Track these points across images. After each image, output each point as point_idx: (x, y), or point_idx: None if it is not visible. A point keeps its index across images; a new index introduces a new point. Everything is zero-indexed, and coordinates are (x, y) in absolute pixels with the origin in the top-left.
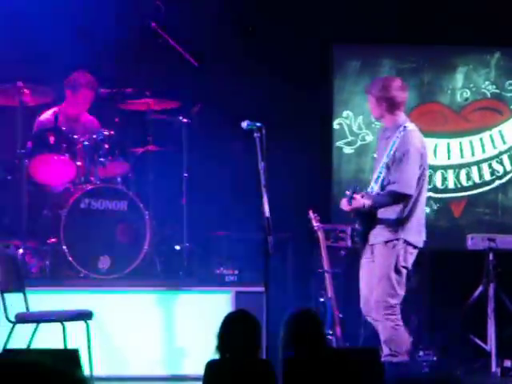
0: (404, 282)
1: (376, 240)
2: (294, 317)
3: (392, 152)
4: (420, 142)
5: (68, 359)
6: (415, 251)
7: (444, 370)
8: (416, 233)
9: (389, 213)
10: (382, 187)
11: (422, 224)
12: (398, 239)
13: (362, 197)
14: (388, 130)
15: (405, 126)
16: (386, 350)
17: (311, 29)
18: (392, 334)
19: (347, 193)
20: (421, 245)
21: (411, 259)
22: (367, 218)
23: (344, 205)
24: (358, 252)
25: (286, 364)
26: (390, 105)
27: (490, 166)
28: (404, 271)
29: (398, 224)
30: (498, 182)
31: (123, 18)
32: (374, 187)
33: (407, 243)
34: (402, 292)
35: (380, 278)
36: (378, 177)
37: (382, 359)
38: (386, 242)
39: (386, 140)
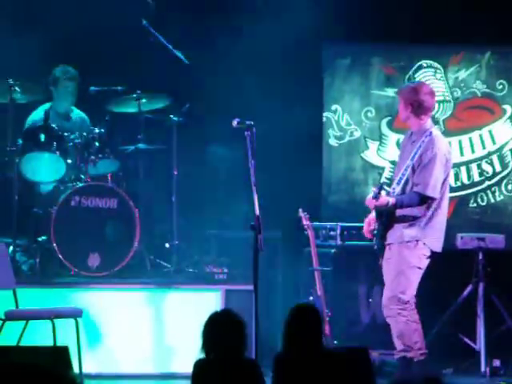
0: (417, 283)
1: (394, 239)
2: (300, 311)
3: (418, 155)
4: (446, 148)
5: (57, 357)
6: (430, 255)
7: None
8: (437, 238)
9: (409, 213)
10: (404, 189)
11: (443, 229)
12: (417, 240)
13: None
14: (414, 134)
15: (430, 131)
16: (398, 346)
17: (301, 27)
18: (404, 328)
19: (373, 190)
20: (439, 250)
21: (427, 263)
22: (386, 218)
23: (369, 201)
24: (376, 253)
25: (275, 362)
26: (417, 108)
27: (479, 166)
28: (419, 272)
29: (419, 225)
30: (487, 183)
31: (114, 15)
32: (396, 188)
33: (427, 247)
34: (414, 291)
35: (395, 275)
36: (401, 178)
37: (395, 356)
38: (407, 242)
39: (411, 144)
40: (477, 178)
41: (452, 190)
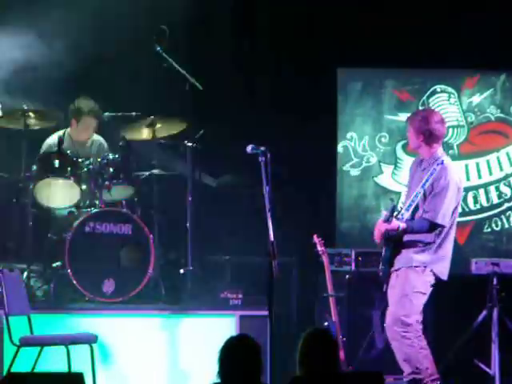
0: (420, 308)
1: (402, 263)
2: (313, 335)
3: (429, 183)
4: (458, 177)
5: (72, 383)
6: (435, 283)
7: None
8: (444, 266)
9: (419, 238)
10: (413, 215)
11: (449, 257)
12: (425, 267)
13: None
14: (424, 161)
15: (442, 160)
16: (406, 369)
17: (316, 53)
18: (409, 351)
19: (385, 213)
20: (445, 278)
21: (431, 290)
22: (394, 243)
23: (380, 225)
24: (381, 281)
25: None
26: (428, 137)
27: (497, 188)
28: (422, 297)
29: (427, 251)
30: (506, 205)
31: (128, 41)
32: (405, 214)
33: (433, 274)
34: (418, 317)
35: (399, 298)
36: (410, 205)
37: (405, 379)
38: (415, 267)
39: (421, 171)
40: (496, 201)
41: (471, 212)
